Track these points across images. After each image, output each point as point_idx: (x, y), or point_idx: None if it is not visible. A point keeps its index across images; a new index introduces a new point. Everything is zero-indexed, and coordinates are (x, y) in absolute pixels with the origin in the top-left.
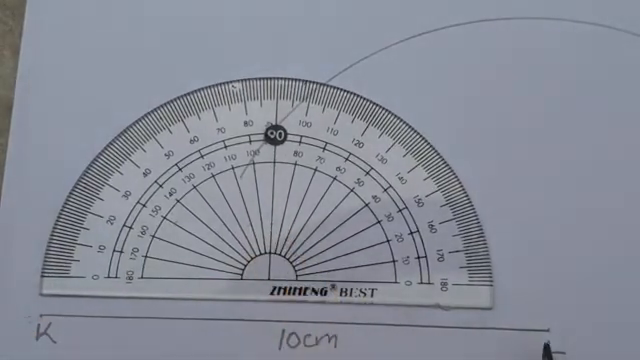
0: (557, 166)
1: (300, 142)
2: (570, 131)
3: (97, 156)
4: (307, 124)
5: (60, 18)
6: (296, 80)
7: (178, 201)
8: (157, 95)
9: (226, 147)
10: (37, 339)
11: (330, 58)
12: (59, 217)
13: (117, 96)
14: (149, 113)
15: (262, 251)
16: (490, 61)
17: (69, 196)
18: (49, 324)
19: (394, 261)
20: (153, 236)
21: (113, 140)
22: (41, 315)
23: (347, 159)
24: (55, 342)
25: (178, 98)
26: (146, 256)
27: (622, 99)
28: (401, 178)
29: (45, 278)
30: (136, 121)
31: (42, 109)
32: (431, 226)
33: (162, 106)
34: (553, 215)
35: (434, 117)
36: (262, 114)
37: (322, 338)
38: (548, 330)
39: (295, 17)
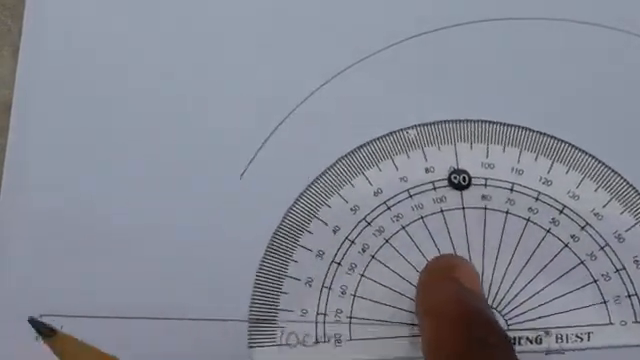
0: None
1: (486, 185)
2: (569, 131)
3: None
4: (490, 165)
5: (59, 18)
6: (471, 121)
7: (373, 257)
8: None
9: (411, 196)
10: (37, 339)
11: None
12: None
13: (117, 94)
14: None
15: None
16: (489, 61)
17: None
18: None
19: (605, 302)
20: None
21: None
22: (41, 315)
23: (537, 199)
24: None
25: (358, 149)
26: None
27: (622, 99)
28: (597, 214)
29: None
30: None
31: (41, 109)
32: (637, 261)
33: (342, 158)
34: None
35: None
36: (442, 159)
37: None
38: None
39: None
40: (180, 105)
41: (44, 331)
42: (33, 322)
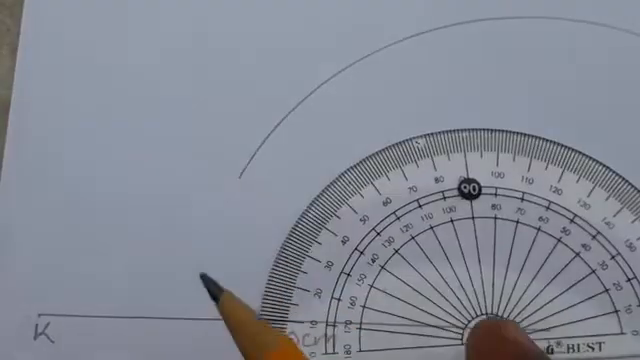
0: None
1: (496, 194)
2: (567, 131)
3: None
4: (500, 175)
5: (58, 17)
6: (481, 130)
7: (383, 268)
8: None
9: (421, 206)
10: (35, 339)
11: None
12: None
13: (117, 94)
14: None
15: (478, 313)
16: (486, 60)
17: None
18: (47, 324)
19: (617, 311)
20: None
21: None
22: (39, 315)
23: (548, 208)
24: (53, 342)
25: (367, 159)
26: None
27: (622, 99)
28: (608, 223)
29: None
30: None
31: (40, 109)
32: None
33: (351, 168)
34: None
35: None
36: (451, 168)
37: None
38: None
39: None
40: (180, 105)
41: (213, 291)
42: (204, 279)
